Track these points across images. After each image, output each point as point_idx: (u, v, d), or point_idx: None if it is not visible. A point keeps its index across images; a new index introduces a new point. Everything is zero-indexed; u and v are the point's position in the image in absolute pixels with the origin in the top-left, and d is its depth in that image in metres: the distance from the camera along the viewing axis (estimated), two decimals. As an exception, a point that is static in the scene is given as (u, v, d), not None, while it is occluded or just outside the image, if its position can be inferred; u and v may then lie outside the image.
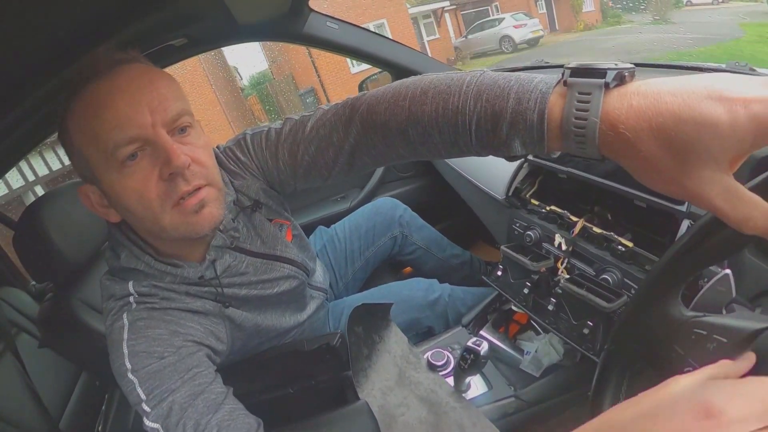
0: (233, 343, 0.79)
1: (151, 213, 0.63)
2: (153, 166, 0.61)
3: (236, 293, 0.78)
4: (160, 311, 0.68)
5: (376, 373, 0.95)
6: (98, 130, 0.59)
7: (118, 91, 0.58)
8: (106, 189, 0.64)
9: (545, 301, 0.90)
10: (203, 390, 0.62)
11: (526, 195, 1.06)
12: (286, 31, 1.49)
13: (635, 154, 0.37)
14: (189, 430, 0.57)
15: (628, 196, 0.79)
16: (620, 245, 0.80)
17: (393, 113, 0.58)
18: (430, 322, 1.15)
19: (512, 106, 0.45)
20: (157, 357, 0.63)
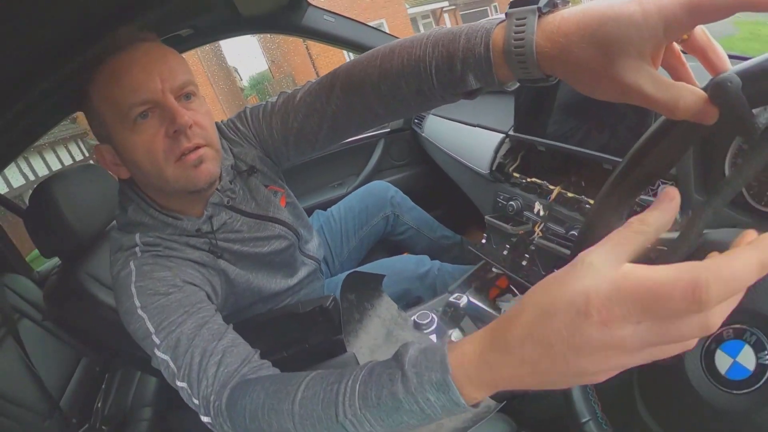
0: (226, 298, 0.86)
1: (156, 166, 0.71)
2: (160, 125, 0.70)
3: (230, 247, 0.86)
4: (163, 258, 0.76)
5: (365, 333, 1.00)
6: (116, 94, 0.68)
7: (135, 62, 0.68)
8: (118, 146, 0.73)
9: (521, 259, 0.96)
10: (207, 321, 0.68)
11: (508, 169, 1.12)
12: (286, 23, 1.55)
13: (570, 61, 0.41)
14: (196, 356, 0.63)
15: (597, 160, 0.85)
16: (587, 204, 0.86)
17: (367, 73, 0.65)
18: (419, 293, 1.21)
19: (463, 45, 0.52)
20: (163, 294, 0.70)
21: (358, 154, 1.94)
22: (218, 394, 0.61)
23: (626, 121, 0.79)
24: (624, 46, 0.37)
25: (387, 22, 14.98)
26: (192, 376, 0.63)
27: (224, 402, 0.60)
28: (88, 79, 0.70)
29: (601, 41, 0.38)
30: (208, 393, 0.61)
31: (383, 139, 1.94)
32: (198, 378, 0.62)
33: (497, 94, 1.30)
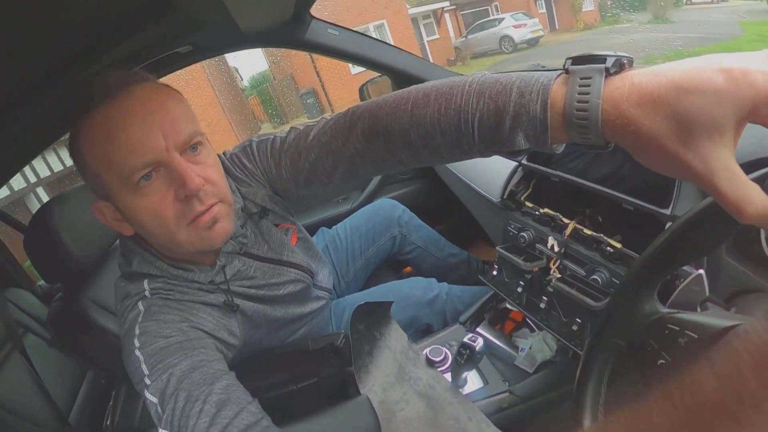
0: (246, 334, 0.82)
1: (167, 231, 0.66)
2: (168, 188, 0.64)
3: (245, 292, 0.82)
4: (174, 302, 0.71)
5: (377, 368, 0.98)
6: (113, 154, 0.61)
7: (131, 115, 0.60)
8: (121, 207, 0.67)
9: (538, 300, 0.93)
10: (203, 364, 0.62)
11: (520, 198, 1.09)
12: (289, 38, 1.52)
13: (638, 133, 0.37)
14: (180, 401, 0.57)
15: (617, 200, 0.82)
16: (609, 246, 0.83)
17: (395, 117, 0.59)
18: (428, 320, 1.18)
19: (515, 100, 0.46)
20: (164, 336, 0.64)
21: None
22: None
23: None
24: (704, 124, 0.34)
25: (388, 22, 14.93)
26: (174, 423, 0.57)
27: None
28: (76, 130, 0.63)
29: (678, 118, 0.35)
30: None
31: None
32: (179, 426, 0.56)
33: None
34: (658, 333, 0.47)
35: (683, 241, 0.45)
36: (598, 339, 0.54)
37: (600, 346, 0.54)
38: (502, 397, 0.97)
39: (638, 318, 0.50)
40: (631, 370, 0.48)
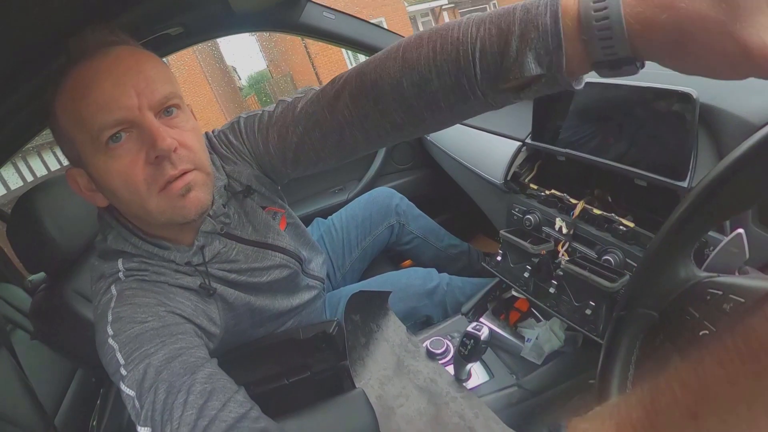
0: (227, 323, 0.77)
1: (137, 197, 0.62)
2: (139, 150, 0.60)
3: (225, 276, 0.76)
4: (150, 283, 0.66)
5: (373, 362, 0.93)
6: (84, 112, 0.57)
7: (104, 73, 0.57)
8: (92, 172, 0.63)
9: (546, 284, 0.88)
10: (181, 353, 0.57)
11: (524, 179, 1.04)
12: (283, 21, 1.48)
13: (675, 21, 0.31)
14: (161, 393, 0.53)
15: (629, 175, 0.77)
16: (621, 226, 0.78)
17: (384, 67, 0.53)
18: (428, 311, 1.13)
19: (520, 17, 0.41)
20: (139, 322, 0.60)
21: (361, 158, 1.87)
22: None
23: (663, 132, 0.72)
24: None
25: (386, 20, 14.93)
26: (156, 417, 0.52)
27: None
28: (53, 94, 0.60)
29: None
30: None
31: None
32: (162, 421, 0.51)
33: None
34: (698, 300, 0.43)
35: (718, 196, 0.40)
36: (626, 312, 0.49)
37: (628, 320, 0.49)
38: (511, 392, 0.92)
39: (673, 285, 0.46)
40: (666, 345, 0.44)
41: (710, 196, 0.41)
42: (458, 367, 0.87)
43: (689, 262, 0.46)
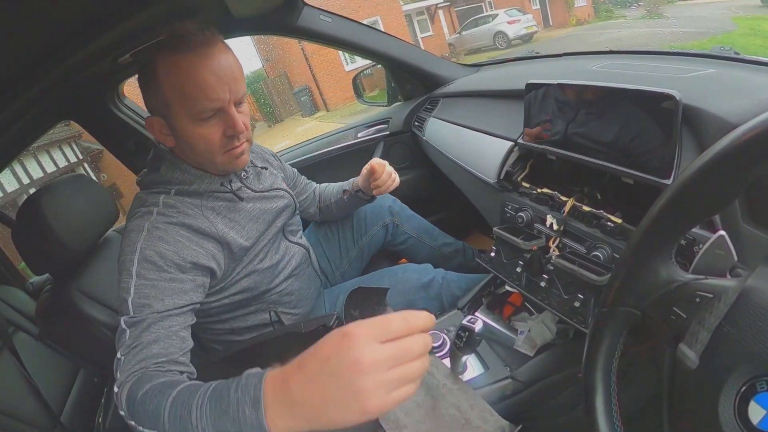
0: (227, 265, 0.94)
1: (210, 153, 0.86)
2: (220, 126, 0.84)
3: (245, 191, 1.00)
4: (177, 226, 0.84)
5: (373, 355, 0.96)
6: (190, 92, 0.79)
7: (211, 70, 0.79)
8: (177, 128, 0.84)
9: (537, 279, 0.91)
10: (169, 336, 0.74)
11: (517, 178, 1.07)
12: (281, 25, 1.51)
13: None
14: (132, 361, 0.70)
15: (617, 173, 0.80)
16: (610, 222, 0.81)
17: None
18: (424, 305, 1.16)
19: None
20: (160, 268, 0.78)
21: (357, 158, 1.90)
22: (136, 372, 0.68)
23: (649, 132, 0.75)
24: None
25: (382, 19, 14.91)
26: (128, 356, 0.70)
27: (133, 380, 0.66)
28: (153, 62, 0.80)
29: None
30: (131, 371, 0.68)
31: (382, 143, 1.90)
32: (126, 360, 0.70)
33: (505, 99, 1.26)
34: (686, 301, 0.44)
35: (693, 195, 0.42)
36: (607, 309, 0.51)
37: (609, 316, 0.51)
38: (505, 384, 0.94)
39: (654, 284, 0.47)
40: (650, 341, 0.46)
41: (683, 197, 0.43)
42: (454, 360, 0.90)
43: (670, 263, 0.47)
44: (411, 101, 1.88)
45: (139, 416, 0.62)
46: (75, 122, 1.56)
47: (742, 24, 11.00)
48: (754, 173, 0.38)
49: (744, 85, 0.78)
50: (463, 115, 1.44)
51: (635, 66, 1.04)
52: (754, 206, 0.61)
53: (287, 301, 1.10)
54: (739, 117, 0.65)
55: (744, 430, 0.38)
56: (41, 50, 0.95)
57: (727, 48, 1.03)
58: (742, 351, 0.38)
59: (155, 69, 0.80)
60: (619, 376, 0.51)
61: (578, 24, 17.91)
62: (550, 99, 0.94)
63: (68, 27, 0.93)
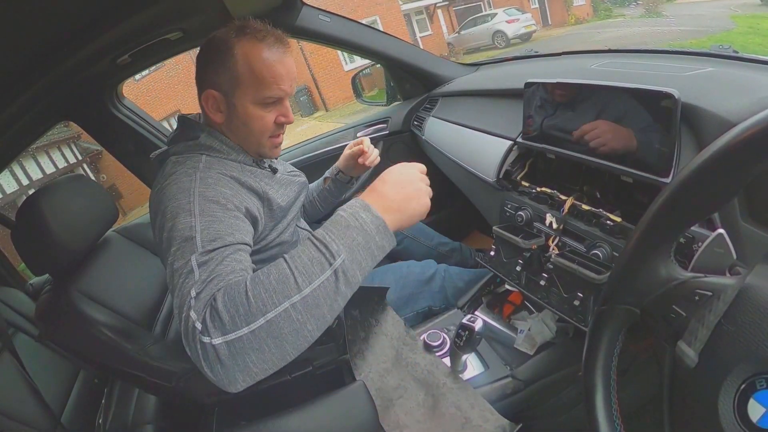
0: (265, 224, 0.96)
1: (259, 134, 0.94)
2: (275, 113, 0.93)
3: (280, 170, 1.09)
4: (226, 177, 0.86)
5: (373, 355, 0.96)
6: (265, 77, 0.87)
7: (283, 64, 0.89)
8: (237, 105, 0.91)
9: (537, 278, 0.91)
10: (244, 269, 0.69)
11: (516, 177, 1.07)
12: (279, 24, 1.46)
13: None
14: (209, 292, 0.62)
15: (615, 172, 0.80)
16: (609, 221, 0.81)
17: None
18: (428, 300, 1.17)
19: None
20: (222, 205, 0.78)
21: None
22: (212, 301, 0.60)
23: (648, 131, 0.75)
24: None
25: (380, 19, 14.89)
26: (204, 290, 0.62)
27: (221, 291, 0.60)
28: (235, 41, 0.87)
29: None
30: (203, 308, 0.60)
31: (382, 142, 1.90)
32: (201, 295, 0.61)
33: (504, 99, 1.26)
34: (685, 300, 0.44)
35: (692, 194, 0.42)
36: (607, 307, 0.51)
37: (608, 315, 0.51)
38: (506, 383, 0.95)
39: (653, 283, 0.47)
40: (650, 339, 0.45)
41: (682, 195, 0.43)
42: (454, 359, 0.90)
43: (669, 261, 0.47)
44: (410, 101, 1.88)
45: (257, 302, 0.57)
46: (74, 123, 1.56)
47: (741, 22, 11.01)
48: (753, 171, 0.38)
49: (743, 83, 0.78)
50: (463, 114, 1.44)
51: (634, 65, 1.04)
52: (753, 204, 0.61)
53: None
54: (738, 115, 0.65)
55: (743, 427, 0.38)
56: (40, 51, 0.95)
57: (725, 46, 1.03)
58: (741, 349, 0.38)
59: (232, 50, 0.87)
60: (619, 375, 0.51)
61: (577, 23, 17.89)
62: (549, 98, 0.94)
63: (67, 28, 0.93)
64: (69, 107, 1.46)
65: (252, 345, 0.55)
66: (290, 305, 0.56)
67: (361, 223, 0.62)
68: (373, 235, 0.62)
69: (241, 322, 0.56)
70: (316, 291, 0.57)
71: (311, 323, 0.58)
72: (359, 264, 0.60)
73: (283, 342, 0.56)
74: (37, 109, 1.21)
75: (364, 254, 0.61)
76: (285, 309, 0.56)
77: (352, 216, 0.62)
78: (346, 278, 0.59)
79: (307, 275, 0.58)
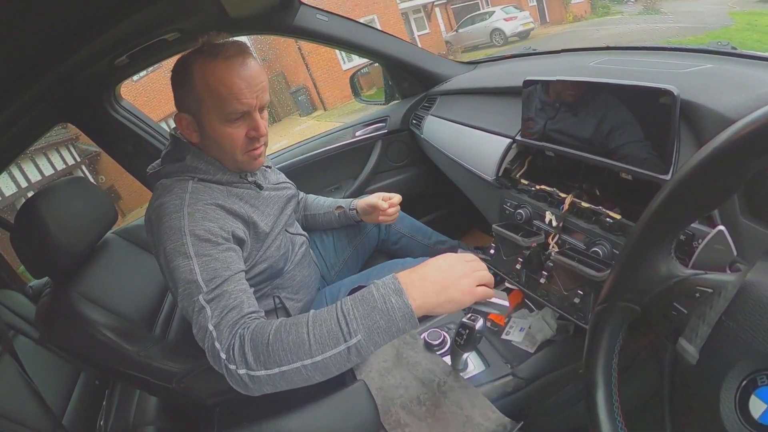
0: (251, 247, 0.98)
1: (232, 151, 0.94)
2: (244, 128, 0.92)
3: (266, 186, 1.08)
4: (211, 206, 0.89)
5: (373, 354, 0.96)
6: (223, 94, 0.86)
7: (242, 77, 0.87)
8: (205, 125, 0.91)
9: (537, 275, 0.91)
10: (248, 294, 0.80)
11: (515, 175, 1.07)
12: (277, 24, 1.50)
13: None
14: (227, 308, 0.75)
15: (615, 169, 0.80)
16: (609, 218, 0.81)
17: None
18: None
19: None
20: (213, 243, 0.83)
21: (356, 157, 1.90)
22: (242, 327, 0.71)
23: (647, 128, 0.75)
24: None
25: (378, 18, 14.89)
26: (221, 324, 0.73)
27: (248, 332, 0.70)
28: (191, 62, 0.88)
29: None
30: (233, 332, 0.71)
31: (381, 141, 1.90)
32: (220, 329, 0.72)
33: (502, 97, 1.25)
34: (686, 297, 0.44)
35: (691, 191, 0.42)
36: (607, 305, 0.51)
37: (608, 312, 0.51)
38: (506, 381, 0.95)
39: (653, 280, 0.47)
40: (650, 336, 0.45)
41: (681, 192, 0.43)
42: (455, 358, 0.90)
43: (669, 258, 0.47)
44: (408, 99, 1.88)
45: (274, 356, 0.66)
46: (72, 125, 1.55)
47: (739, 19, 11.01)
48: (753, 168, 0.38)
49: (741, 79, 0.78)
50: (461, 112, 1.44)
51: (633, 62, 1.04)
52: (753, 201, 0.61)
53: (290, 286, 1.13)
54: (737, 112, 0.65)
55: (745, 424, 0.38)
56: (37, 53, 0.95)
57: (724, 43, 1.03)
58: (742, 345, 0.38)
59: (191, 71, 0.87)
60: (620, 372, 0.51)
61: (575, 20, 17.87)
62: (547, 96, 0.94)
63: (64, 29, 0.92)
64: (67, 109, 1.46)
65: (268, 382, 0.67)
66: (302, 365, 0.65)
67: (389, 308, 0.64)
68: (397, 321, 0.64)
69: (260, 366, 0.67)
70: (327, 359, 0.65)
71: (319, 377, 0.67)
72: (375, 343, 0.65)
73: (293, 384, 0.68)
74: (35, 111, 1.21)
75: (382, 336, 0.65)
76: (297, 367, 0.65)
77: (382, 299, 0.65)
78: (358, 352, 0.65)
79: (322, 345, 0.65)
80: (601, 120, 0.83)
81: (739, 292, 0.39)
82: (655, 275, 0.47)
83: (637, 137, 0.76)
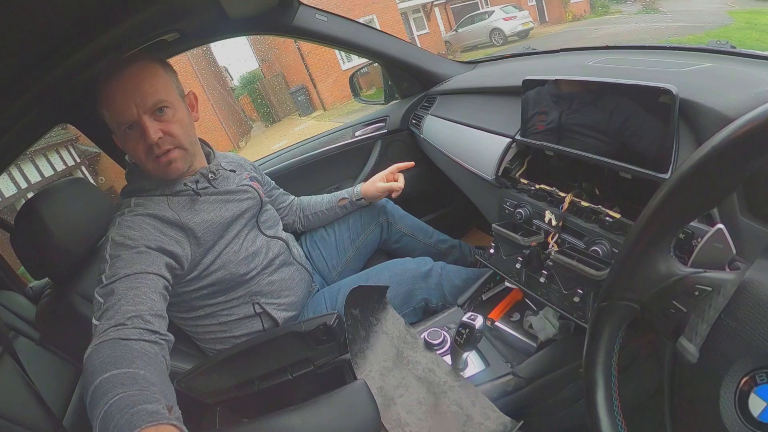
0: (194, 252, 1.00)
1: (140, 161, 0.98)
2: (139, 137, 0.94)
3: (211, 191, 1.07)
4: (143, 216, 0.94)
5: (374, 354, 0.96)
6: (109, 113, 0.94)
7: (118, 91, 0.92)
8: (117, 142, 0.99)
9: (537, 275, 0.91)
10: (137, 295, 0.80)
11: (515, 174, 1.07)
12: (276, 24, 1.50)
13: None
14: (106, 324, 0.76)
15: (614, 168, 0.81)
16: (608, 217, 0.81)
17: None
18: (424, 294, 1.18)
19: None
20: (129, 247, 0.87)
21: (356, 157, 1.90)
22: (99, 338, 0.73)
23: (646, 127, 0.75)
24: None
25: (378, 17, 14.89)
26: (101, 318, 0.78)
27: (93, 348, 0.71)
28: (100, 91, 0.94)
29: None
30: (96, 343, 0.72)
31: (380, 141, 1.90)
32: (100, 325, 0.77)
33: (502, 96, 1.26)
34: (685, 295, 0.44)
35: (691, 189, 0.42)
36: (606, 303, 0.51)
37: (608, 311, 0.51)
38: (507, 380, 0.95)
39: (653, 279, 0.47)
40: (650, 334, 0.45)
41: (680, 191, 0.43)
42: (455, 357, 0.90)
43: (669, 257, 0.47)
44: (408, 99, 1.88)
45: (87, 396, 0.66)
46: (72, 126, 1.55)
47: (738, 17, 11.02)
48: (752, 166, 0.38)
49: (740, 78, 0.78)
50: (461, 112, 1.44)
51: (632, 61, 1.04)
52: (752, 199, 0.61)
53: (269, 291, 1.13)
54: (736, 110, 0.65)
55: (745, 422, 0.38)
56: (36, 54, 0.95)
57: (723, 42, 1.03)
58: (742, 343, 0.38)
59: (98, 100, 0.95)
60: (619, 371, 0.51)
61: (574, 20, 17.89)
62: (547, 95, 0.94)
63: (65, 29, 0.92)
64: (66, 110, 1.46)
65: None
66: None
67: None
68: None
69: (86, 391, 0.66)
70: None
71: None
72: None
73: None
74: (35, 112, 1.20)
75: None
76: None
77: None
78: None
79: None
80: (600, 119, 0.83)
81: (739, 291, 0.39)
82: (655, 274, 0.47)
83: (637, 136, 0.76)
